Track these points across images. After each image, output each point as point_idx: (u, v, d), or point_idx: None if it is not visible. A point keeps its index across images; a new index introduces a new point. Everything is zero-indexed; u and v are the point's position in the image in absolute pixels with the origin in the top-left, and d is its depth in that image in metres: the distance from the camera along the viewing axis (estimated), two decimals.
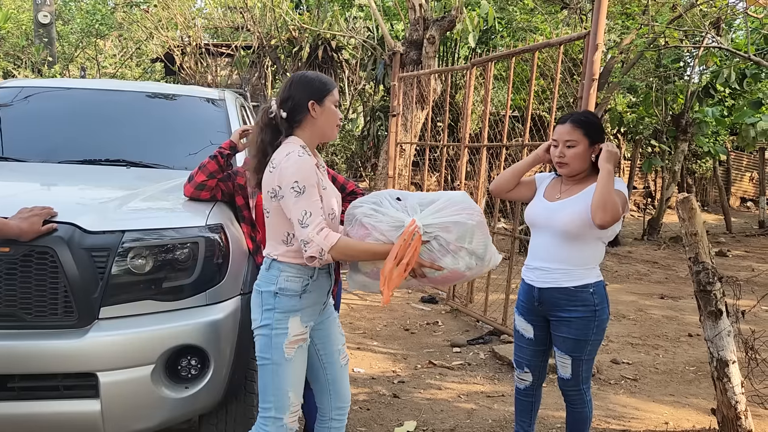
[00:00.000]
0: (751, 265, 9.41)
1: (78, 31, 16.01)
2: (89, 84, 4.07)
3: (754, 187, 19.74)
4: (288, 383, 2.18)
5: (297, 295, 2.16)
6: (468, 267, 2.22)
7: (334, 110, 2.24)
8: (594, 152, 2.53)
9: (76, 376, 2.20)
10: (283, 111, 2.18)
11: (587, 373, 2.59)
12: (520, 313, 2.69)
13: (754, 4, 7.15)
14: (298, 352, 2.19)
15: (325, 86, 2.21)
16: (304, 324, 2.19)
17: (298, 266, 2.16)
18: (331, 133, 2.26)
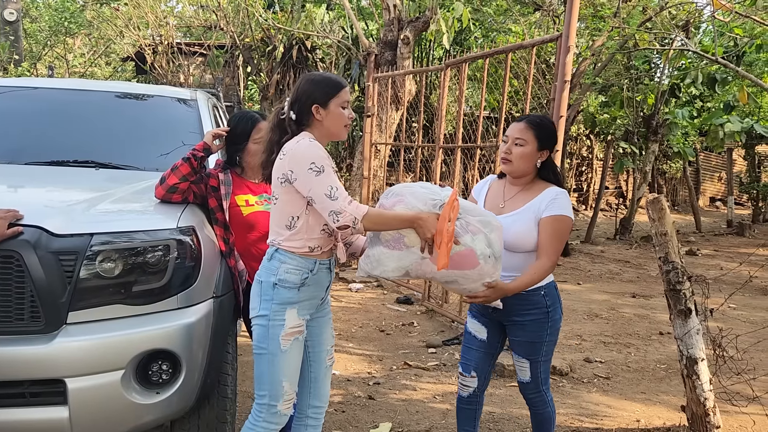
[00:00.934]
0: (719, 264, 9.60)
1: (46, 28, 15.67)
2: (57, 83, 3.99)
3: (723, 187, 20.16)
4: (283, 373, 2.23)
5: (296, 287, 2.21)
6: (483, 255, 2.23)
7: (339, 113, 2.26)
8: (540, 158, 2.48)
9: (43, 383, 2.15)
10: (292, 113, 2.24)
11: (545, 374, 2.60)
12: (473, 315, 2.66)
13: (721, 8, 7.29)
14: (294, 343, 2.24)
15: (330, 89, 2.24)
16: (300, 316, 2.24)
17: (299, 258, 2.21)
18: (339, 133, 2.29)
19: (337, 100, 2.25)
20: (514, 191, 2.54)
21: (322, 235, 2.24)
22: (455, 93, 9.16)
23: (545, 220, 2.40)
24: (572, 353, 4.83)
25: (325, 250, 2.27)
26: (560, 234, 2.41)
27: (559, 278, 7.96)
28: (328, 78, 2.28)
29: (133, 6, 12.33)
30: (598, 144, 16.62)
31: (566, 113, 4.36)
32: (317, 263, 2.25)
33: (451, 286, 2.37)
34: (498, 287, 2.31)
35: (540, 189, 2.49)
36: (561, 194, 2.46)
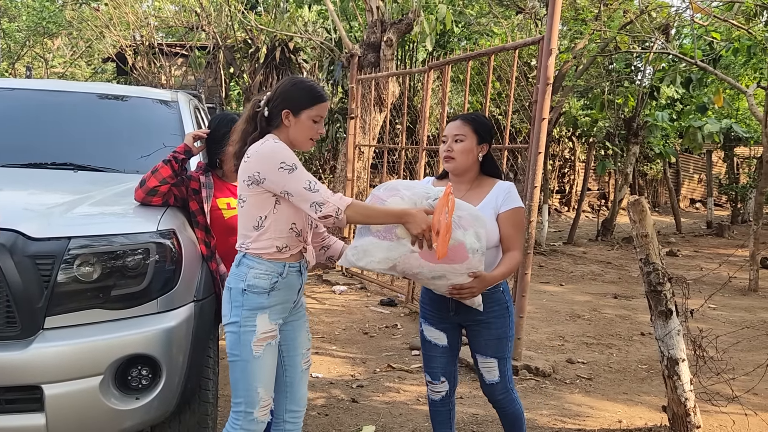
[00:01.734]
0: (699, 265, 9.72)
1: (24, 28, 15.45)
2: (35, 84, 3.93)
3: (703, 189, 20.43)
4: (257, 380, 2.19)
5: (265, 292, 2.17)
6: (472, 248, 2.26)
7: (308, 125, 2.22)
8: (481, 152, 2.53)
9: (19, 389, 2.11)
10: (266, 109, 2.21)
11: (510, 372, 2.62)
12: (429, 323, 2.63)
13: (700, 11, 7.39)
14: (267, 349, 2.20)
15: (307, 100, 2.20)
16: (272, 321, 2.21)
17: (267, 262, 2.18)
18: (302, 145, 2.25)
19: (311, 112, 2.21)
20: (463, 190, 2.55)
21: (290, 234, 2.21)
22: (438, 95, 9.18)
23: (505, 214, 2.47)
24: (555, 354, 4.85)
25: (293, 252, 2.24)
26: (520, 225, 2.53)
27: (541, 279, 8.01)
28: (311, 88, 2.24)
29: (113, 6, 12.20)
30: (581, 146, 16.76)
31: (548, 115, 4.38)
32: (287, 266, 2.21)
33: (437, 282, 2.33)
34: (482, 277, 2.33)
35: (490, 184, 2.55)
36: (512, 187, 2.54)
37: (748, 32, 7.36)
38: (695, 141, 11.79)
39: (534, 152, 4.28)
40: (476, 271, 2.30)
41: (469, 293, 2.33)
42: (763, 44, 7.13)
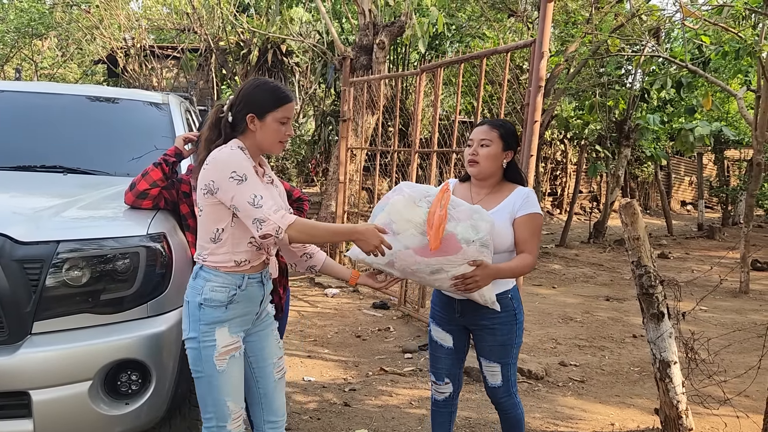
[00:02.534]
0: (691, 267, 9.76)
1: (13, 30, 15.34)
2: (24, 86, 3.89)
3: (694, 191, 20.55)
4: (224, 393, 2.12)
5: (223, 305, 2.09)
6: (464, 239, 2.26)
7: (274, 128, 2.13)
8: (506, 158, 2.53)
9: (6, 395, 2.09)
10: (230, 114, 2.14)
11: (514, 377, 2.62)
12: (437, 323, 2.65)
13: (691, 15, 7.43)
14: (231, 362, 2.13)
15: (271, 102, 2.12)
16: (233, 334, 2.13)
17: (224, 275, 2.10)
18: (271, 149, 2.18)
19: (276, 114, 2.12)
20: (482, 193, 2.56)
21: (249, 248, 2.12)
22: (431, 97, 9.18)
23: (522, 218, 2.46)
24: (547, 357, 4.85)
25: (254, 264, 2.16)
26: (537, 231, 2.48)
27: (534, 282, 8.02)
28: (275, 89, 2.15)
29: (103, 8, 12.14)
30: (572, 148, 16.82)
31: (540, 118, 4.39)
32: (246, 278, 2.13)
33: (438, 277, 2.31)
34: (485, 265, 2.30)
35: (509, 189, 2.54)
36: (531, 193, 2.53)
37: (738, 35, 7.40)
38: (686, 144, 11.85)
39: (526, 155, 4.28)
40: (476, 260, 2.28)
41: (474, 283, 2.28)
42: (752, 47, 7.17)
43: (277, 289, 2.79)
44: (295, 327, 5.34)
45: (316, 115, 14.11)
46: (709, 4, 8.21)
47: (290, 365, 4.41)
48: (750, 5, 7.60)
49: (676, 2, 7.73)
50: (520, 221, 2.45)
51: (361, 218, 7.73)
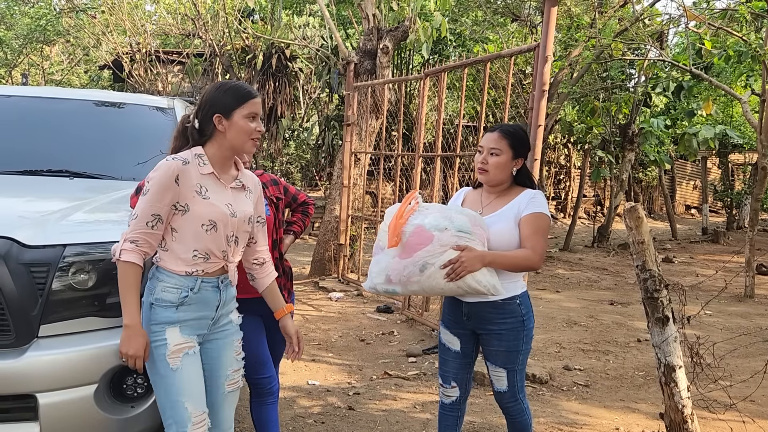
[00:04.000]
0: (695, 271, 9.73)
1: (21, 36, 15.45)
2: (32, 91, 3.92)
3: (698, 195, 20.49)
4: (181, 394, 2.05)
5: (173, 306, 2.06)
6: (433, 226, 2.30)
7: (243, 125, 2.10)
8: (516, 166, 2.54)
9: (13, 398, 2.10)
10: (196, 121, 2.12)
11: (521, 382, 2.61)
12: (446, 326, 2.65)
13: (695, 19, 7.44)
14: (186, 359, 2.06)
15: (235, 99, 2.10)
16: (185, 335, 2.08)
17: (177, 276, 2.07)
18: (243, 147, 2.15)
19: (242, 111, 2.10)
20: (491, 198, 2.59)
21: (195, 261, 2.08)
22: (434, 102, 9.20)
23: (526, 217, 2.46)
24: (551, 361, 4.85)
25: (209, 271, 2.11)
26: (542, 230, 2.47)
27: (537, 286, 8.01)
28: (237, 87, 2.14)
29: (110, 13, 12.22)
30: (576, 152, 16.81)
31: (544, 122, 4.39)
32: (199, 281, 2.09)
33: (429, 272, 2.31)
34: (470, 248, 2.31)
35: (517, 192, 2.55)
36: (538, 194, 2.53)
37: (743, 39, 7.40)
38: (690, 148, 11.84)
39: (529, 159, 4.28)
40: (459, 245, 2.30)
41: (461, 266, 2.28)
42: (756, 51, 7.17)
43: (282, 293, 2.81)
44: (299, 331, 5.34)
45: (320, 120, 14.14)
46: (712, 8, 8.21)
47: (294, 369, 4.42)
48: (753, 9, 7.60)
49: (680, 7, 7.74)
50: (524, 220, 2.46)
51: (365, 222, 7.74)
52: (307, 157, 14.57)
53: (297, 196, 2.98)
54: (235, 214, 2.14)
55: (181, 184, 2.04)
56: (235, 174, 2.21)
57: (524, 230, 2.45)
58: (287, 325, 2.45)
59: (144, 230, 2.01)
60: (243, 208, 2.18)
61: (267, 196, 2.75)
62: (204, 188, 2.08)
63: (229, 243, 2.14)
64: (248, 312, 2.71)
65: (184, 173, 2.05)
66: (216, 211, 2.09)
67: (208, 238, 2.08)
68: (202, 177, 2.09)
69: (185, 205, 2.05)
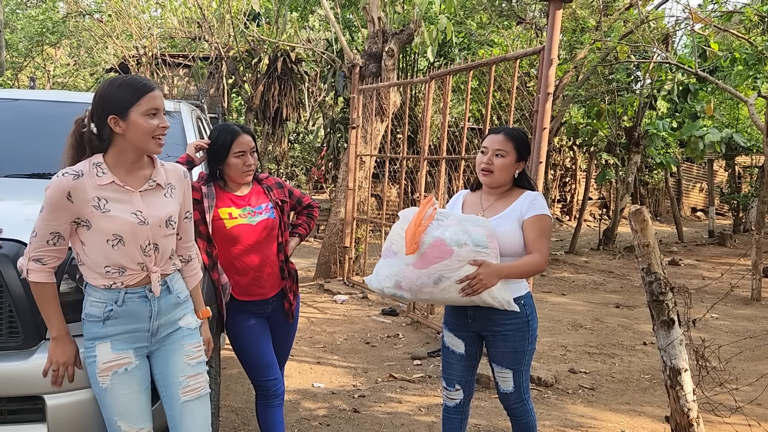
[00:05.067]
0: (701, 274, 9.70)
1: (26, 39, 15.54)
2: (38, 95, 3.95)
3: (704, 198, 20.42)
4: (112, 412, 2.02)
5: (99, 321, 2.00)
6: (454, 241, 2.29)
7: (143, 123, 1.94)
8: (518, 169, 2.56)
9: (21, 400, 2.11)
10: (93, 125, 1.97)
11: (527, 383, 2.62)
12: (449, 329, 2.66)
13: (700, 21, 7.42)
14: (116, 378, 2.01)
15: (129, 96, 1.93)
16: (117, 351, 2.02)
17: (100, 290, 2.01)
18: (147, 147, 1.99)
19: (139, 108, 1.93)
20: (491, 200, 2.59)
21: (108, 277, 1.99)
22: (439, 104, 9.20)
23: (529, 220, 2.47)
24: (557, 364, 4.84)
25: (130, 283, 2.02)
26: (546, 231, 2.48)
27: (543, 289, 7.99)
28: (129, 82, 1.96)
29: (116, 17, 12.28)
30: (581, 155, 16.78)
31: (549, 125, 4.39)
32: (123, 293, 2.00)
33: (443, 286, 2.31)
34: (487, 264, 2.30)
35: (517, 194, 2.57)
36: (539, 196, 2.54)
37: (749, 42, 7.39)
38: (696, 150, 11.80)
39: (535, 162, 4.29)
40: (476, 260, 2.29)
41: (479, 283, 2.28)
42: (763, 53, 7.15)
43: (287, 296, 2.82)
44: (304, 333, 5.36)
45: (325, 123, 14.17)
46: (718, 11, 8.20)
47: (300, 371, 4.43)
48: (760, 12, 7.58)
49: (686, 9, 7.73)
50: (527, 223, 2.47)
51: (370, 225, 7.75)
52: (313, 160, 14.59)
53: (302, 199, 2.99)
54: (147, 221, 2.01)
55: (75, 201, 1.93)
56: (148, 174, 2.07)
57: (529, 233, 2.46)
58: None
59: (45, 248, 1.95)
60: (158, 212, 2.05)
61: (272, 198, 2.76)
62: (103, 200, 1.95)
63: (146, 253, 2.02)
64: (253, 314, 2.74)
65: (77, 189, 1.92)
66: (120, 224, 1.96)
67: (117, 253, 1.98)
68: (100, 188, 1.96)
69: (86, 221, 1.95)
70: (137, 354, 2.07)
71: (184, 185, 2.20)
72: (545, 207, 2.51)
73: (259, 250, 2.69)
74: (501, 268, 2.35)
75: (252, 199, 2.72)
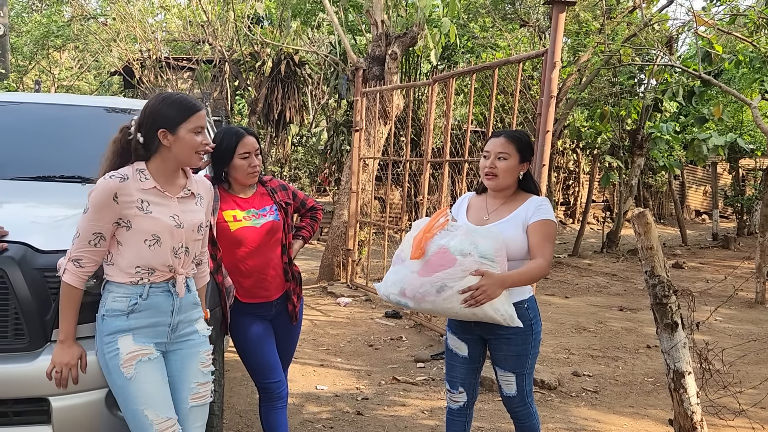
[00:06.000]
0: (705, 277, 9.68)
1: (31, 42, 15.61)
2: (43, 98, 3.97)
3: (708, 200, 20.37)
4: (139, 402, 2.04)
5: (123, 314, 2.06)
6: (458, 250, 2.29)
7: (189, 139, 2.09)
8: (522, 170, 2.56)
9: (26, 402, 2.12)
10: (140, 135, 2.09)
11: (530, 387, 2.62)
12: (453, 331, 2.66)
13: (704, 24, 7.42)
14: (141, 366, 2.05)
15: (180, 114, 2.08)
16: (139, 343, 2.07)
17: (125, 285, 2.07)
18: (190, 161, 2.13)
19: (188, 125, 2.08)
20: (497, 203, 2.59)
21: (137, 276, 2.07)
22: (443, 107, 9.21)
23: (534, 224, 2.47)
24: (560, 367, 4.84)
25: (155, 281, 2.10)
26: (550, 237, 2.48)
27: (546, 292, 7.99)
28: (181, 100, 2.11)
29: (120, 20, 12.33)
30: (585, 158, 16.76)
31: (552, 127, 4.40)
32: (148, 287, 2.08)
33: (445, 295, 2.31)
34: (490, 274, 2.29)
35: (523, 198, 2.56)
36: (545, 201, 2.54)
37: (753, 45, 7.38)
38: (700, 154, 11.78)
39: (538, 164, 4.29)
40: (479, 269, 2.28)
41: (482, 294, 2.26)
42: (767, 56, 7.14)
43: (291, 298, 2.82)
44: (307, 336, 5.37)
45: (328, 126, 14.19)
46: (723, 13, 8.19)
47: (303, 374, 4.43)
48: (764, 14, 7.58)
49: (689, 12, 7.73)
50: (532, 227, 2.47)
51: (374, 227, 7.76)
52: (316, 162, 14.61)
53: (306, 201, 3.00)
54: (182, 225, 2.12)
55: (121, 202, 2.03)
56: (183, 183, 2.19)
57: (533, 238, 2.46)
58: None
59: (87, 248, 2.03)
60: (191, 218, 2.16)
61: (276, 201, 2.77)
62: (146, 203, 2.07)
63: (177, 255, 2.12)
64: (257, 316, 2.74)
65: (123, 190, 2.04)
66: (159, 225, 2.07)
67: (151, 254, 2.07)
68: (144, 192, 2.07)
69: (128, 221, 2.05)
70: (157, 348, 2.12)
71: (210, 197, 2.33)
72: (551, 212, 2.51)
73: (263, 252, 2.70)
74: (505, 278, 2.34)
75: (256, 202, 2.73)
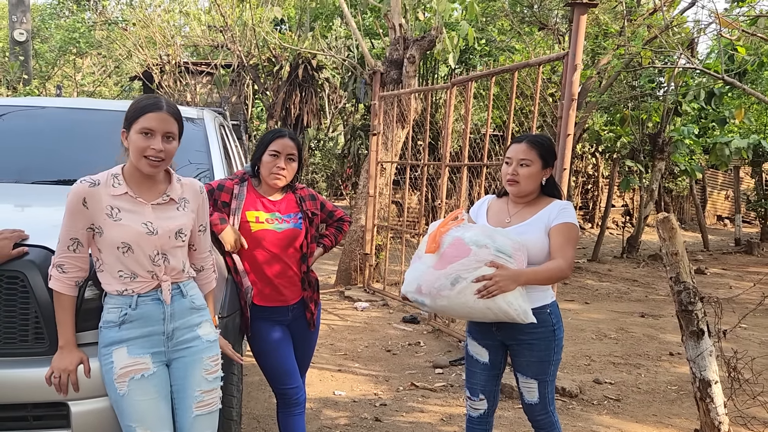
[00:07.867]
0: (728, 283, 9.51)
1: (56, 48, 15.86)
2: (64, 103, 4.00)
3: (730, 205, 20.07)
4: (130, 419, 2.03)
5: (116, 325, 2.06)
6: (473, 241, 2.30)
7: (135, 140, 2.04)
8: (545, 175, 2.53)
9: (46, 406, 2.12)
10: (125, 137, 2.12)
11: (552, 394, 2.57)
12: (473, 337, 2.62)
13: (727, 26, 7.30)
14: (133, 384, 2.04)
15: (134, 113, 2.06)
16: (134, 355, 2.06)
17: (115, 296, 2.08)
18: (139, 164, 2.06)
19: (137, 125, 2.04)
20: (518, 207, 2.58)
21: (121, 281, 2.07)
22: (461, 111, 9.17)
23: (556, 227, 2.44)
24: (581, 374, 4.76)
25: (141, 291, 2.09)
26: (572, 240, 2.45)
27: (566, 297, 7.90)
28: (140, 100, 2.10)
29: (141, 26, 12.46)
30: (604, 162, 16.60)
31: (573, 131, 4.34)
32: (136, 297, 2.08)
33: (460, 287, 2.28)
34: (506, 267, 2.29)
35: (546, 202, 2.54)
36: (568, 205, 2.52)
37: None
38: (722, 157, 11.60)
39: (559, 169, 4.24)
40: (494, 261, 2.28)
41: (495, 285, 2.24)
42: None
43: (309, 306, 2.80)
44: (325, 341, 5.35)
45: (346, 130, 14.21)
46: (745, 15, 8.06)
47: (321, 379, 4.41)
48: None
49: (711, 14, 7.61)
50: (554, 230, 2.44)
51: (391, 231, 7.73)
52: (333, 167, 14.63)
53: (333, 213, 2.98)
54: (156, 232, 2.08)
55: (90, 207, 2.03)
56: (163, 188, 2.16)
57: (555, 240, 2.43)
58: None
59: (66, 254, 2.05)
60: (168, 224, 2.11)
61: (303, 209, 2.75)
62: (116, 210, 2.05)
63: (155, 262, 2.09)
64: (274, 321, 2.72)
65: (92, 196, 2.04)
66: (129, 232, 2.04)
67: (127, 260, 2.06)
68: (114, 198, 2.06)
69: (100, 228, 2.05)
70: (155, 360, 2.10)
71: (199, 200, 2.26)
72: (574, 216, 2.48)
73: (282, 258, 2.68)
74: (520, 274, 2.31)
75: (282, 207, 2.72)
